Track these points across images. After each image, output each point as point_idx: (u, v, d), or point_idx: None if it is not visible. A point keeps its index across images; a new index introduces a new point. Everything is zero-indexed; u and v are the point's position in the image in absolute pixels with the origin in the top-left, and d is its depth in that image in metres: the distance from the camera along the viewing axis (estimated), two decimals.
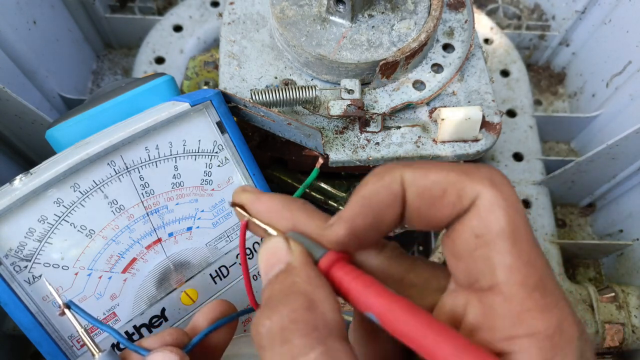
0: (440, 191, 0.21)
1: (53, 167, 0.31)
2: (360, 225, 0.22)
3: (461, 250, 0.21)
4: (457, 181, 0.21)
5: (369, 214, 0.22)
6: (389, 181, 0.22)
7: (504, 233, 0.20)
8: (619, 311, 0.53)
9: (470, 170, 0.21)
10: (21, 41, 0.58)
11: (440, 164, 0.22)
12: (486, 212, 0.20)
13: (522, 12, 0.78)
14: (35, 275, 0.31)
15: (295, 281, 0.21)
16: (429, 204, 0.21)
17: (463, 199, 0.21)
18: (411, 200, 0.21)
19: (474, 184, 0.20)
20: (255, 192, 0.26)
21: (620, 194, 0.62)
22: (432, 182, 0.21)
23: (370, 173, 0.22)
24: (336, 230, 0.22)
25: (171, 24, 0.68)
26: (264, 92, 0.37)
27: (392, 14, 0.41)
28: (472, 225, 0.20)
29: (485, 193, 0.20)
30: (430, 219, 0.22)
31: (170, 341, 0.27)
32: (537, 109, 0.74)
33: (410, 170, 0.21)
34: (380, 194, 0.22)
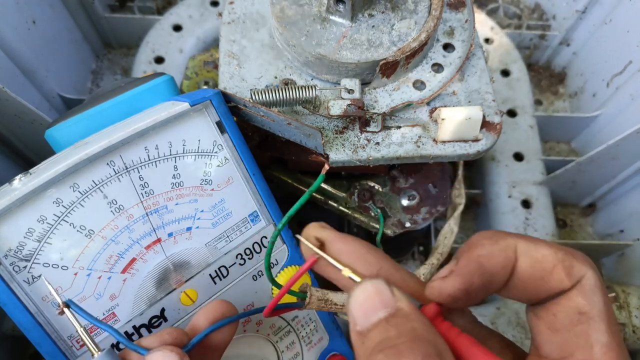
0: (550, 265, 0.22)
1: (52, 167, 0.30)
2: (476, 283, 0.23)
3: (561, 324, 0.22)
4: (566, 259, 0.22)
5: (485, 276, 0.23)
6: (504, 246, 0.23)
7: (603, 313, 0.22)
8: (620, 311, 0.53)
9: (571, 250, 0.23)
10: (20, 41, 0.58)
11: (542, 240, 0.24)
12: (591, 292, 0.22)
13: (523, 12, 0.78)
14: (35, 275, 0.31)
15: (415, 327, 0.21)
16: (540, 276, 0.22)
17: (571, 277, 0.22)
18: (522, 269, 0.23)
19: (580, 265, 0.22)
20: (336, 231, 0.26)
21: (620, 194, 0.62)
22: (543, 256, 0.23)
23: (482, 235, 0.24)
24: (452, 283, 0.23)
25: (171, 23, 0.68)
26: (263, 91, 0.37)
27: (392, 13, 0.41)
28: (578, 302, 0.22)
29: (590, 274, 0.22)
30: (536, 290, 0.23)
31: (170, 340, 0.27)
32: (538, 108, 0.74)
33: (523, 242, 0.23)
34: (495, 258, 0.23)
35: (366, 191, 0.49)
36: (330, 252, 0.26)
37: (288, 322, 0.40)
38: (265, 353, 0.39)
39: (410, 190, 0.48)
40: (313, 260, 0.25)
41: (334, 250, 0.25)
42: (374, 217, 0.47)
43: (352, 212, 0.48)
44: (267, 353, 0.40)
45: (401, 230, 0.47)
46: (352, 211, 0.48)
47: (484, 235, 0.24)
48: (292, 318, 0.40)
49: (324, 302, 0.31)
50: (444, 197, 0.48)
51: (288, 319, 0.40)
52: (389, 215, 0.47)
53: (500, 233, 0.23)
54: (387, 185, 0.49)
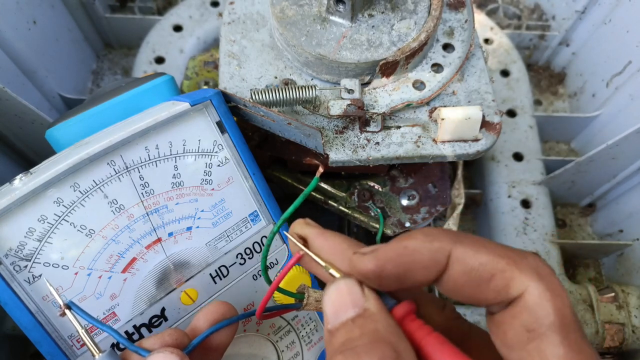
0: (487, 275, 0.21)
1: (53, 166, 0.31)
2: (388, 270, 0.22)
3: (513, 343, 0.21)
4: (506, 270, 0.21)
5: (402, 266, 0.22)
6: (437, 248, 0.22)
7: (555, 326, 0.20)
8: (619, 311, 0.53)
9: (518, 258, 0.21)
10: (21, 41, 0.58)
11: (489, 244, 0.22)
12: (536, 307, 0.20)
13: (522, 12, 0.78)
14: (35, 275, 0.31)
15: (377, 329, 0.21)
16: (475, 284, 0.22)
17: (510, 289, 0.21)
18: (456, 276, 0.22)
19: (522, 277, 0.21)
20: (319, 227, 0.26)
21: (620, 194, 0.62)
22: (480, 265, 0.21)
23: (423, 230, 0.23)
24: (366, 263, 0.22)
25: (171, 23, 0.68)
26: (264, 91, 0.37)
27: (392, 13, 0.41)
28: (523, 319, 0.21)
29: (533, 287, 0.21)
30: (472, 297, 0.22)
31: (171, 342, 0.27)
32: (537, 109, 0.74)
33: (461, 247, 0.22)
34: (422, 255, 0.22)
35: (366, 191, 0.49)
36: (313, 248, 0.26)
37: (288, 322, 0.40)
38: (265, 352, 0.39)
39: (410, 190, 0.48)
40: (298, 256, 0.26)
41: (315, 246, 0.25)
42: (374, 216, 0.48)
43: (352, 211, 0.48)
44: (267, 352, 0.40)
45: (401, 230, 0.47)
46: (352, 211, 0.48)
47: (424, 231, 0.23)
48: (292, 317, 0.40)
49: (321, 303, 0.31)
50: (444, 197, 0.48)
51: (288, 318, 0.40)
52: (389, 215, 0.47)
53: (443, 234, 0.22)
54: (387, 185, 0.49)
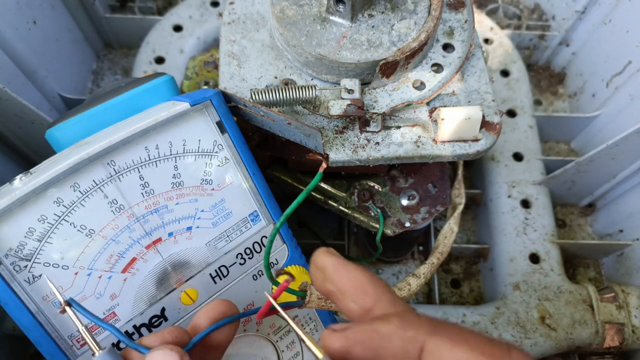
0: None
1: (53, 166, 0.31)
2: (356, 353, 0.21)
3: None
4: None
5: (370, 351, 0.21)
6: (409, 338, 0.20)
7: None
8: (619, 311, 0.53)
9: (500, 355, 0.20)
10: (21, 41, 0.58)
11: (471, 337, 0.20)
12: None
13: (522, 12, 0.78)
14: (35, 274, 0.31)
15: None
16: None
17: None
18: None
19: None
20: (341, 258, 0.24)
21: (620, 194, 0.62)
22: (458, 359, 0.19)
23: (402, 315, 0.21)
24: (333, 341, 0.22)
25: (171, 24, 0.68)
26: (264, 91, 0.37)
27: (392, 13, 0.41)
28: None
29: None
30: None
31: (171, 339, 0.27)
32: (537, 109, 0.74)
33: (436, 340, 0.20)
34: (392, 343, 0.21)
35: (366, 191, 0.49)
36: (332, 279, 0.25)
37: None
38: (265, 352, 0.39)
39: (410, 190, 0.48)
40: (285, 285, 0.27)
41: (334, 278, 0.25)
42: (374, 216, 0.48)
43: (352, 212, 0.48)
44: (267, 352, 0.40)
45: (401, 230, 0.47)
46: (352, 211, 0.48)
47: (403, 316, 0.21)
48: (292, 317, 0.40)
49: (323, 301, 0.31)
50: (444, 197, 0.48)
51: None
52: (389, 215, 0.47)
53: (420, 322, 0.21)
54: (387, 185, 0.49)
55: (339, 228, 0.64)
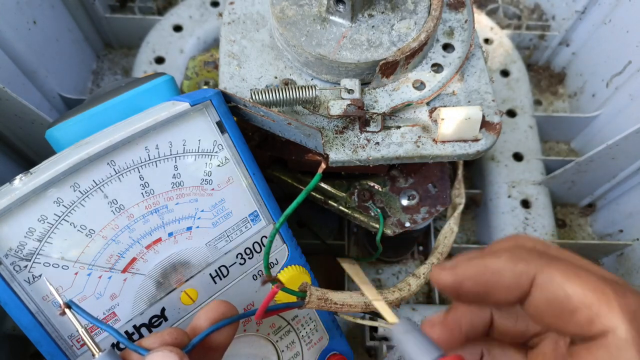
0: (572, 307, 0.20)
1: (53, 166, 0.31)
2: (467, 287, 0.21)
3: None
4: (594, 305, 0.19)
5: (481, 285, 0.21)
6: (520, 271, 0.21)
7: None
8: None
9: (614, 294, 0.19)
10: (21, 41, 0.58)
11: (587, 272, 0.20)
12: (617, 351, 0.19)
13: (522, 12, 0.78)
14: (35, 274, 0.31)
15: None
16: (556, 313, 0.20)
17: (594, 327, 0.19)
18: (537, 302, 0.21)
19: (611, 316, 0.19)
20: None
21: (620, 194, 0.62)
22: (566, 296, 0.20)
23: (511, 249, 0.21)
24: (444, 277, 0.22)
25: (171, 24, 0.68)
26: (264, 91, 0.37)
27: (392, 13, 0.41)
28: (599, 358, 0.19)
29: (620, 330, 0.19)
30: (550, 325, 0.21)
31: (170, 341, 0.27)
32: (537, 109, 0.74)
33: (548, 273, 0.20)
34: (503, 277, 0.21)
35: (366, 191, 0.49)
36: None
37: (288, 322, 0.40)
38: (265, 352, 0.39)
39: (410, 190, 0.48)
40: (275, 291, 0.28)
41: None
42: (374, 216, 0.48)
43: (352, 212, 0.48)
44: (267, 352, 0.40)
45: (401, 230, 0.47)
46: (352, 211, 0.48)
47: (512, 250, 0.21)
48: (292, 317, 0.40)
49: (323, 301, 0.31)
50: (444, 197, 0.48)
51: (288, 318, 0.40)
52: (389, 215, 0.47)
53: (531, 255, 0.21)
54: (387, 185, 0.49)
55: (339, 228, 0.64)
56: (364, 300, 0.33)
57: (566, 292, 0.20)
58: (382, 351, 0.51)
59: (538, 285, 0.20)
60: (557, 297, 0.20)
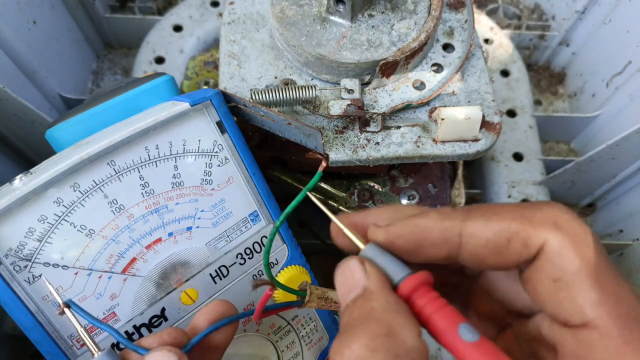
0: (504, 240, 0.21)
1: (53, 166, 0.31)
2: (398, 245, 0.23)
3: (544, 296, 0.21)
4: (521, 230, 0.21)
5: (412, 243, 0.23)
6: (446, 227, 0.22)
7: (581, 272, 0.20)
8: None
9: (532, 214, 0.21)
10: (21, 41, 0.58)
11: (501, 209, 0.22)
12: (557, 257, 0.20)
13: (522, 12, 0.78)
14: (35, 274, 0.31)
15: (372, 307, 0.21)
16: (495, 252, 0.22)
17: (529, 247, 0.21)
18: (474, 250, 0.22)
19: (538, 232, 0.21)
20: None
21: (620, 194, 0.62)
22: (494, 234, 0.21)
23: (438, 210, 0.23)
24: (377, 235, 0.24)
25: (171, 24, 0.68)
26: (264, 91, 0.37)
27: (392, 13, 0.41)
28: (547, 271, 0.21)
29: (551, 239, 0.20)
30: (496, 264, 0.22)
31: (169, 341, 0.27)
32: (537, 109, 0.74)
33: (471, 222, 0.22)
34: (431, 233, 0.23)
35: (366, 191, 0.49)
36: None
37: (288, 322, 0.40)
38: (265, 352, 0.39)
39: (410, 190, 0.48)
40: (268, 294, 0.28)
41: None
42: None
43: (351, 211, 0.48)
44: (267, 352, 0.40)
45: None
46: (352, 211, 0.48)
47: (439, 210, 0.23)
48: (292, 317, 0.40)
49: (323, 300, 0.31)
50: (444, 197, 0.48)
51: (288, 318, 0.40)
52: None
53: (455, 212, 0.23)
54: (387, 185, 0.49)
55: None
56: None
57: (494, 231, 0.21)
58: None
59: (468, 235, 0.22)
60: (489, 238, 0.21)
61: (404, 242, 0.23)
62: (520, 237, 0.21)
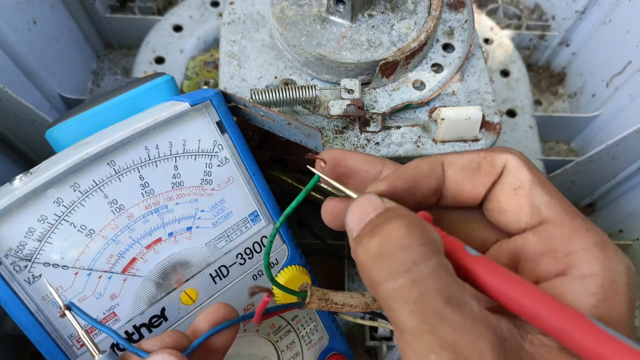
0: (476, 165, 0.26)
1: (53, 166, 0.31)
2: (399, 186, 0.26)
3: (506, 204, 0.26)
4: (488, 155, 0.26)
5: (409, 180, 0.26)
6: (431, 160, 0.27)
7: (534, 181, 0.25)
8: None
9: (492, 149, 0.27)
10: (21, 41, 0.58)
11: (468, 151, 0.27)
12: (516, 170, 0.25)
13: (522, 12, 0.78)
14: (35, 275, 0.31)
15: (399, 212, 0.24)
16: (470, 176, 0.26)
17: (496, 166, 0.26)
18: (453, 176, 0.27)
19: (501, 155, 0.26)
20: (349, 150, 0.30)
21: (620, 194, 0.62)
22: (468, 160, 0.27)
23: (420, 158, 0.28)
24: (379, 186, 0.26)
25: (171, 24, 0.68)
26: (264, 91, 0.37)
27: (392, 13, 0.41)
28: (508, 181, 0.26)
29: (511, 158, 0.26)
30: (471, 190, 0.27)
31: (170, 343, 0.27)
32: (537, 109, 0.74)
33: (448, 156, 0.27)
34: (421, 167, 0.27)
35: None
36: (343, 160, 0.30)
37: (288, 322, 0.40)
38: (265, 352, 0.39)
39: None
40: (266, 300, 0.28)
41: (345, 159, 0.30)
42: None
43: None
44: (267, 352, 0.40)
45: None
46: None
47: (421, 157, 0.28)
48: (292, 317, 0.40)
49: (324, 302, 0.31)
50: None
51: (288, 318, 0.40)
52: None
53: (435, 154, 0.28)
54: None
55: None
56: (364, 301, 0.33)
57: (467, 159, 0.27)
58: (382, 351, 0.51)
59: (447, 163, 0.27)
60: (464, 164, 0.27)
61: (402, 182, 0.26)
62: (487, 160, 0.26)
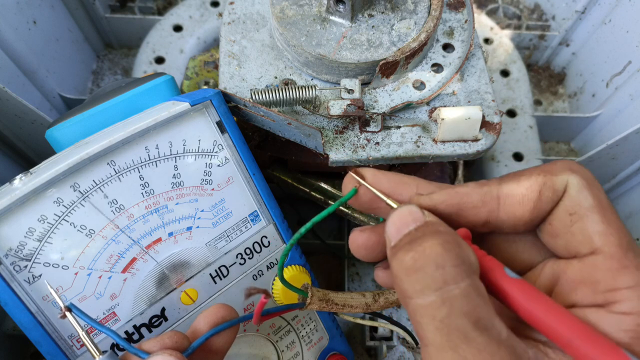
0: (536, 194, 0.24)
1: (53, 166, 0.31)
2: (441, 210, 0.25)
3: (558, 229, 0.24)
4: (548, 180, 0.24)
5: (453, 207, 0.25)
6: (485, 191, 0.25)
7: (593, 207, 0.23)
8: None
9: (551, 167, 0.25)
10: (21, 41, 0.58)
11: (525, 171, 0.25)
12: (577, 193, 0.24)
13: (522, 12, 0.78)
14: (35, 274, 0.31)
15: (438, 228, 0.23)
16: (529, 208, 0.25)
17: (558, 192, 0.24)
18: (511, 209, 0.25)
19: (562, 176, 0.24)
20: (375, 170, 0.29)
21: (620, 194, 0.62)
22: (527, 189, 0.25)
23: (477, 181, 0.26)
24: (422, 202, 0.26)
25: (171, 24, 0.68)
26: (264, 91, 0.37)
27: (392, 13, 0.41)
28: (565, 205, 0.24)
29: (573, 179, 0.24)
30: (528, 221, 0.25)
31: (170, 344, 0.27)
32: (537, 109, 0.74)
33: (505, 185, 0.25)
34: (471, 196, 0.25)
35: None
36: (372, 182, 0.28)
37: (288, 322, 0.40)
38: (265, 352, 0.39)
39: None
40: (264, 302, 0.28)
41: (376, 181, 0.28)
42: (374, 217, 0.48)
43: (352, 211, 0.48)
44: (267, 352, 0.40)
45: None
46: (352, 211, 0.48)
47: (477, 181, 0.26)
48: (292, 318, 0.40)
49: (325, 302, 0.31)
50: None
51: (288, 318, 0.40)
52: None
53: (492, 180, 0.26)
54: None
55: (338, 228, 0.64)
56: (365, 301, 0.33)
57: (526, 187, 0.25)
58: (382, 351, 0.51)
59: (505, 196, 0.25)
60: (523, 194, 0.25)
61: (446, 207, 0.25)
62: (548, 186, 0.24)
